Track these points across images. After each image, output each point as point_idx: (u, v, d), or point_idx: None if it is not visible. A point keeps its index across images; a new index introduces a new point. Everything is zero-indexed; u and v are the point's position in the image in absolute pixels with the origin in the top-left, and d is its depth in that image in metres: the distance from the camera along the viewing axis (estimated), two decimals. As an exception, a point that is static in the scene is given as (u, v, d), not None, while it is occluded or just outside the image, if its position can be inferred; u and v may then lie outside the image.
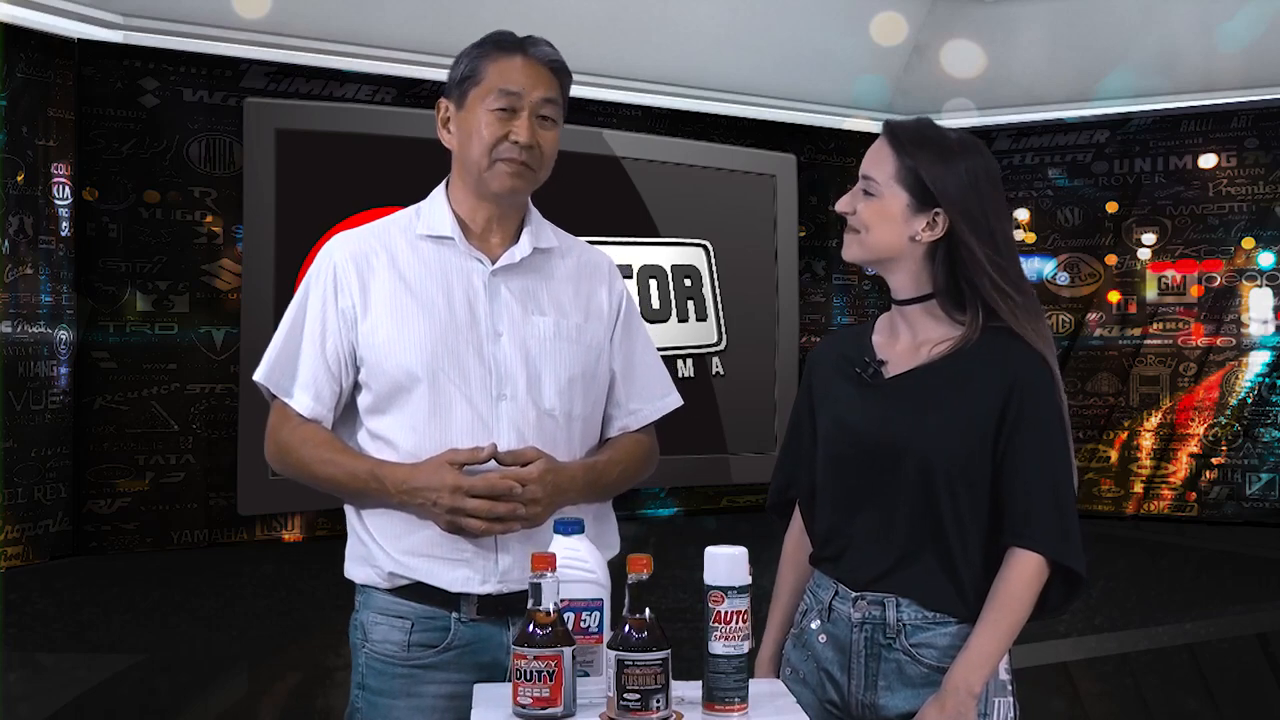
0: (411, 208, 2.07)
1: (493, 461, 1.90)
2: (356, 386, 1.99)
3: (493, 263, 2.00)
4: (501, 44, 1.99)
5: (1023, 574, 1.79)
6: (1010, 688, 1.85)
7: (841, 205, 1.92)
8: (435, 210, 2.03)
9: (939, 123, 1.94)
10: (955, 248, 1.85)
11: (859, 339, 1.97)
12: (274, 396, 2.00)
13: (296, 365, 1.97)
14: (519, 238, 2.03)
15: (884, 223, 1.86)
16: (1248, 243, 7.85)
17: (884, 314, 1.99)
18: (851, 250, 1.92)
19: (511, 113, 1.95)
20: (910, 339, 1.90)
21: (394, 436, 1.95)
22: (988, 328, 1.85)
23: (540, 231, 2.06)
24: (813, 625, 1.92)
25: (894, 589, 1.84)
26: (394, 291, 1.97)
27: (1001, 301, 1.84)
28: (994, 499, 1.82)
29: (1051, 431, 1.83)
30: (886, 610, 1.84)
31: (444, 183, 2.07)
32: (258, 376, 2.00)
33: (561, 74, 2.01)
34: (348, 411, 2.01)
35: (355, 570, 2.00)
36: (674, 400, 2.15)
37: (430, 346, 1.94)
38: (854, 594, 1.87)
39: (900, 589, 1.84)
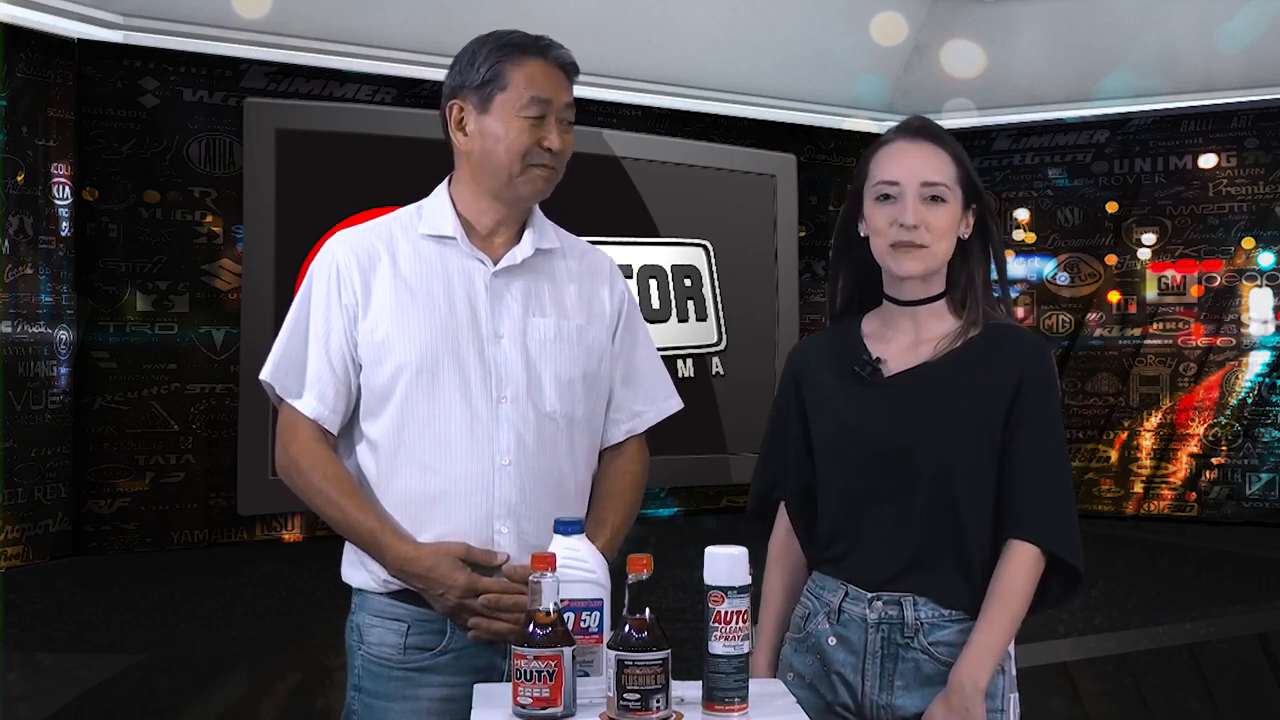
0: (413, 206, 2.05)
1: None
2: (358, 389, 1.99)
3: (494, 263, 1.99)
4: (523, 47, 1.96)
5: (1019, 566, 1.79)
6: (1016, 683, 1.86)
7: (913, 218, 1.82)
8: (438, 210, 2.01)
9: (942, 125, 1.95)
10: (981, 244, 1.88)
11: (848, 338, 1.94)
12: (280, 399, 1.99)
13: (300, 365, 1.96)
14: (521, 238, 2.02)
15: (950, 229, 1.85)
16: (1248, 243, 7.86)
17: (869, 312, 1.96)
18: (919, 263, 1.84)
19: (541, 119, 1.94)
20: (910, 337, 1.89)
21: (391, 439, 1.94)
22: (987, 325, 1.85)
23: (543, 232, 2.04)
24: (821, 628, 1.89)
25: (910, 588, 1.83)
26: (395, 290, 1.95)
27: (1005, 297, 1.88)
28: (998, 493, 1.83)
29: (1052, 427, 1.84)
30: (904, 609, 1.83)
31: (446, 181, 2.05)
32: (264, 375, 1.98)
33: (575, 76, 2.01)
34: (347, 426, 1.99)
35: (352, 574, 1.99)
36: (676, 403, 2.13)
37: (430, 347, 1.93)
38: (869, 595, 1.85)
39: (917, 588, 1.82)
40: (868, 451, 1.85)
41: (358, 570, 1.98)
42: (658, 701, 1.55)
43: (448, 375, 1.93)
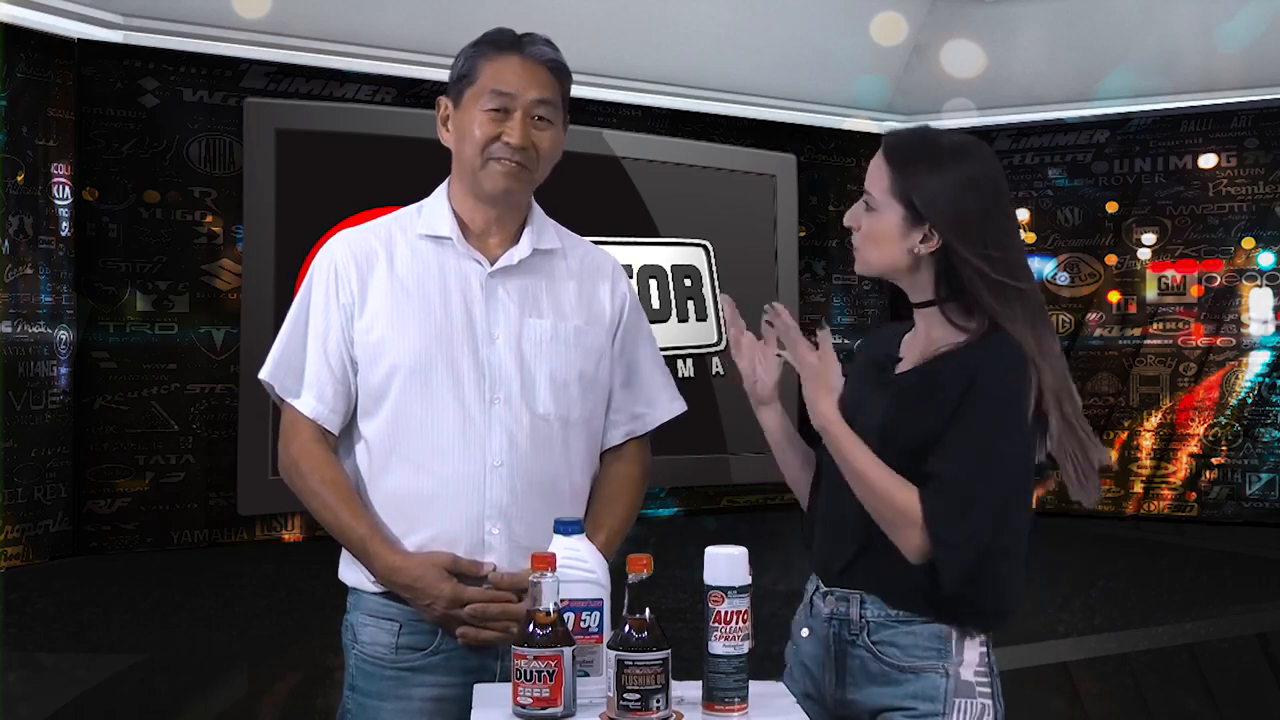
0: (414, 206, 2.05)
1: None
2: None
3: (491, 264, 1.98)
4: (498, 43, 1.97)
5: (910, 498, 1.74)
6: (979, 689, 1.81)
7: (848, 219, 1.90)
8: (436, 210, 2.01)
9: (942, 125, 1.93)
10: (951, 259, 1.83)
11: (894, 336, 1.97)
12: (280, 399, 1.99)
13: (299, 365, 1.96)
14: (519, 238, 2.01)
15: (884, 238, 1.85)
16: (1248, 243, 7.86)
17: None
18: (859, 267, 1.92)
19: (505, 113, 1.93)
20: (924, 340, 1.90)
21: (385, 439, 1.94)
22: (990, 333, 1.84)
23: (542, 232, 2.03)
24: (798, 620, 1.94)
25: (859, 584, 1.84)
26: (391, 291, 1.95)
27: (1000, 309, 1.81)
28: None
29: (980, 441, 1.74)
30: (850, 607, 1.84)
31: (446, 181, 2.05)
32: (263, 374, 1.99)
33: (560, 73, 1.98)
34: (347, 426, 1.99)
35: (347, 573, 2.00)
36: (679, 405, 2.12)
37: (424, 348, 1.93)
38: (825, 589, 1.88)
39: (865, 584, 1.84)
40: None
41: (352, 568, 1.98)
42: (658, 701, 1.56)
43: (440, 376, 1.93)
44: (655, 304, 7.64)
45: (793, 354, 1.85)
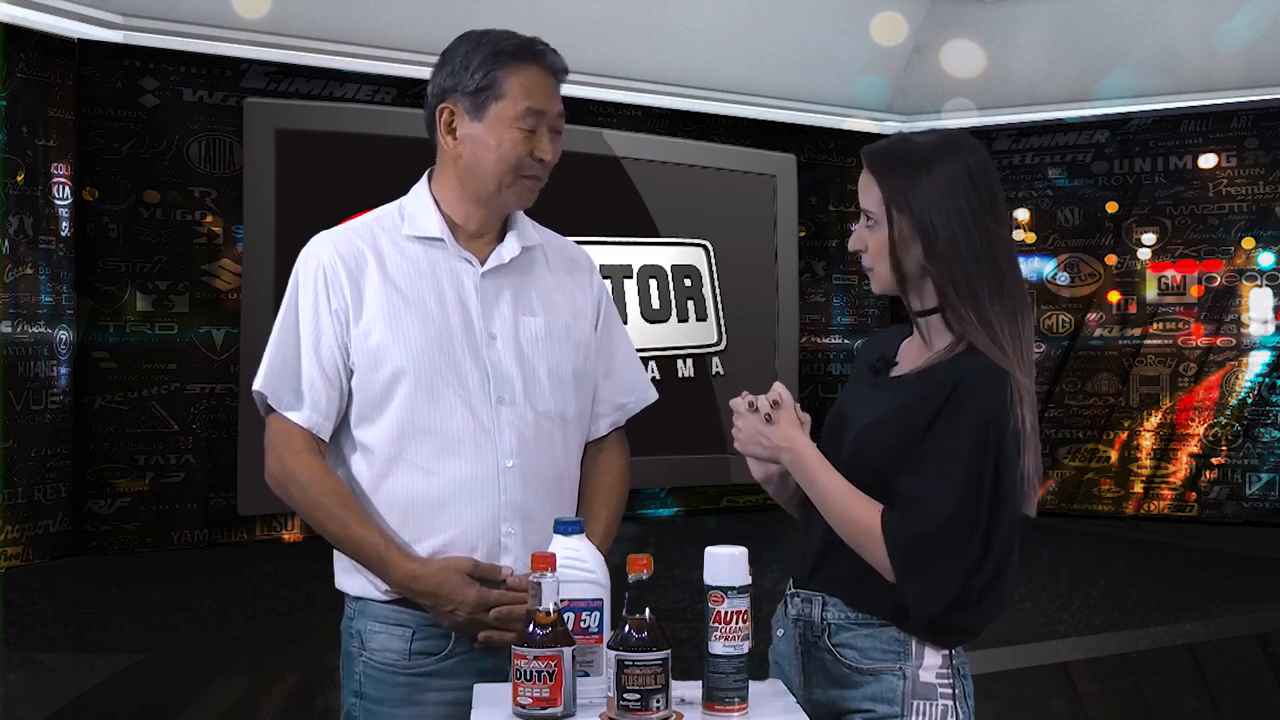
0: (393, 205, 2.02)
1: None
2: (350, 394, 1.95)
3: (481, 263, 1.97)
4: (519, 54, 1.93)
5: (871, 519, 1.75)
6: (941, 691, 1.80)
7: (853, 244, 1.89)
8: (421, 210, 1.98)
9: (943, 125, 1.92)
10: (941, 269, 1.81)
11: (893, 340, 1.96)
12: (269, 409, 1.94)
13: (294, 374, 1.93)
14: (504, 237, 2.00)
15: (884, 252, 1.83)
16: (1248, 243, 7.86)
17: None
18: (873, 284, 1.89)
19: (534, 130, 1.92)
20: (922, 346, 1.89)
21: (389, 445, 1.91)
22: (965, 350, 1.81)
23: (524, 230, 2.02)
24: (775, 619, 1.94)
25: (823, 586, 1.84)
26: (385, 294, 1.93)
27: (976, 315, 1.78)
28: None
29: (942, 463, 1.73)
30: (813, 608, 1.85)
31: (426, 180, 2.02)
32: (257, 386, 1.94)
33: (564, 78, 1.98)
34: (335, 432, 1.96)
35: (349, 581, 1.96)
36: (652, 393, 2.14)
37: (426, 350, 1.91)
38: (793, 590, 1.89)
39: (827, 586, 1.84)
40: (822, 442, 1.89)
41: (355, 577, 1.95)
42: (658, 701, 1.55)
43: (445, 379, 1.91)
44: (655, 304, 7.64)
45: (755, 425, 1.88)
